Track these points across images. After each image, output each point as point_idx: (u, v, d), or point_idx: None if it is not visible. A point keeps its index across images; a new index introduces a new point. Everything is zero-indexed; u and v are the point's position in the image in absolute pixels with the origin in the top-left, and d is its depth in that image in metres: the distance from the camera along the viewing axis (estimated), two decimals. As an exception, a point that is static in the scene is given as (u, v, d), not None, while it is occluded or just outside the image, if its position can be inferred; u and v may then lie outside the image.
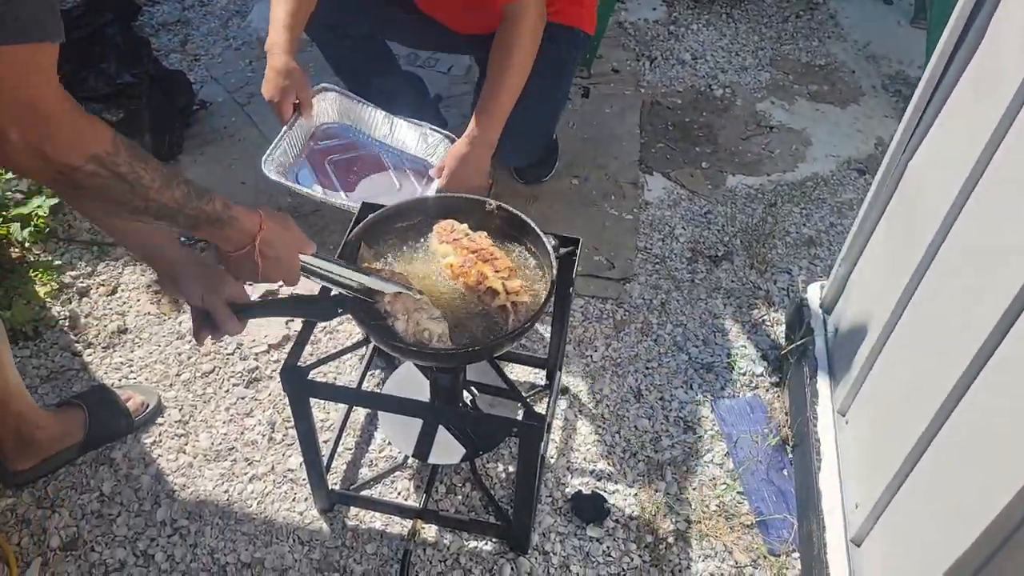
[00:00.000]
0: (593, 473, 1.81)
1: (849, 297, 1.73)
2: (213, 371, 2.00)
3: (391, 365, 1.92)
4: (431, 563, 1.65)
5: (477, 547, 1.67)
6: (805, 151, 2.73)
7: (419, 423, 1.70)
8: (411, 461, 1.79)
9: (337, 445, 1.79)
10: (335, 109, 2.17)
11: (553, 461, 1.82)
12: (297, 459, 1.79)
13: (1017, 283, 1.00)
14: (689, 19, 3.31)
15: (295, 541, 1.68)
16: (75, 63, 2.43)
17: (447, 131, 2.13)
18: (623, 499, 1.76)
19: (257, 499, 1.75)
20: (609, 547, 1.68)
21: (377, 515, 1.71)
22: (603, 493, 1.76)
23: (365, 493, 1.75)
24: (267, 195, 2.41)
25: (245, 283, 1.26)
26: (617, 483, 1.79)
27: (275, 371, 1.99)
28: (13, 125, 0.84)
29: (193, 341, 1.71)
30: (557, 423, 1.90)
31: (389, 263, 1.46)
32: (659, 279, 2.25)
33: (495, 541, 1.67)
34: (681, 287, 2.23)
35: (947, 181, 1.29)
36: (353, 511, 1.72)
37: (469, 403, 1.72)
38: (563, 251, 1.54)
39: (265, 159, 1.98)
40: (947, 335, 1.22)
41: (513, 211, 1.50)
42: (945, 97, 1.40)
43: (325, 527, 1.70)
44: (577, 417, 1.92)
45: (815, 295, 1.88)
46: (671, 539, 1.69)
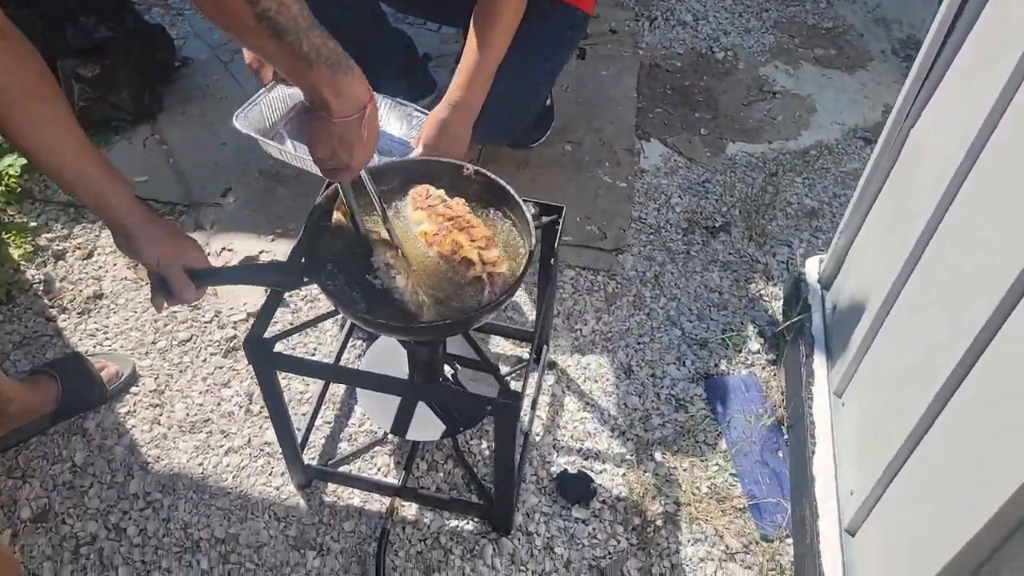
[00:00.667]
0: (580, 452, 1.75)
1: (848, 272, 1.66)
2: (190, 339, 1.93)
3: (372, 336, 1.85)
4: (410, 542, 1.60)
5: (458, 526, 1.62)
6: (809, 118, 2.63)
7: (398, 398, 1.64)
8: (391, 436, 1.74)
9: (314, 420, 1.73)
10: None
11: (539, 439, 1.77)
12: (274, 432, 1.73)
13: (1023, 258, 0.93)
14: (693, -22, 3.18)
15: (271, 517, 1.63)
16: (52, 16, 2.32)
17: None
18: (611, 479, 1.71)
19: (232, 473, 1.70)
20: (595, 529, 1.63)
21: (356, 492, 1.66)
22: (590, 473, 1.71)
23: (343, 469, 1.70)
24: (250, 153, 2.32)
25: (334, 166, 1.07)
26: (605, 463, 1.73)
27: (254, 341, 1.92)
28: None
29: (168, 308, 1.64)
30: (544, 399, 1.84)
31: None
32: (653, 250, 2.18)
33: (477, 521, 1.62)
34: (676, 259, 2.16)
35: (950, 149, 1.21)
36: (331, 487, 1.67)
37: (450, 377, 1.66)
38: (545, 220, 1.46)
39: (238, 114, 1.89)
40: (948, 314, 1.15)
41: (492, 176, 1.42)
42: (949, 61, 1.31)
43: (302, 503, 1.65)
44: (565, 393, 1.86)
45: (813, 269, 1.81)
46: (659, 522, 1.64)
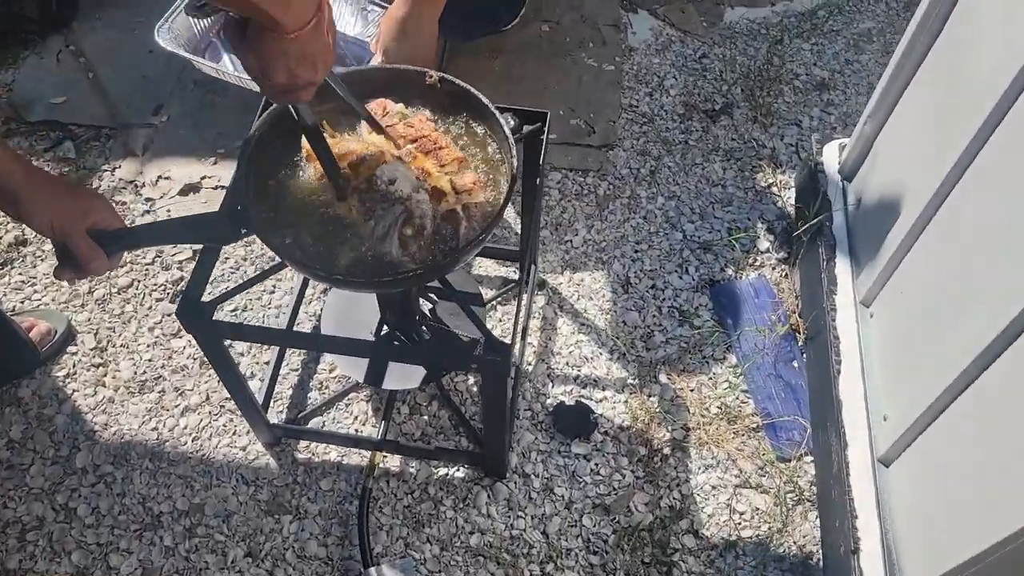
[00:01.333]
0: (577, 380, 1.57)
1: (876, 162, 1.43)
2: (131, 285, 1.71)
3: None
4: (396, 496, 1.44)
5: (448, 474, 1.46)
6: (815, -27, 2.31)
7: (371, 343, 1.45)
8: (366, 381, 1.55)
9: (275, 381, 1.54)
10: None
11: (531, 368, 1.59)
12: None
13: None
14: None
15: (239, 481, 1.47)
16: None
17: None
18: (612, 408, 1.54)
19: (191, 435, 1.52)
20: (597, 464, 1.47)
21: (332, 446, 1.49)
22: (589, 403, 1.54)
23: (315, 422, 1.52)
24: (181, 67, 2.02)
25: (294, 87, 0.86)
26: (605, 390, 1.56)
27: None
28: None
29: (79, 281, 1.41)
30: (534, 323, 1.65)
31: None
32: (648, 143, 1.93)
33: (468, 466, 1.47)
34: (673, 151, 1.91)
35: (1019, 26, 0.96)
36: (304, 442, 1.50)
37: (427, 313, 1.45)
38: (527, 130, 1.22)
39: (159, 27, 1.60)
40: (1011, 220, 0.94)
41: (460, 84, 1.16)
42: None
43: (272, 463, 1.49)
44: (557, 315, 1.66)
45: (832, 157, 1.58)
46: (667, 450, 1.49)
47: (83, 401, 1.56)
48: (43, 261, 1.75)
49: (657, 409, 1.53)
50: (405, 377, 1.43)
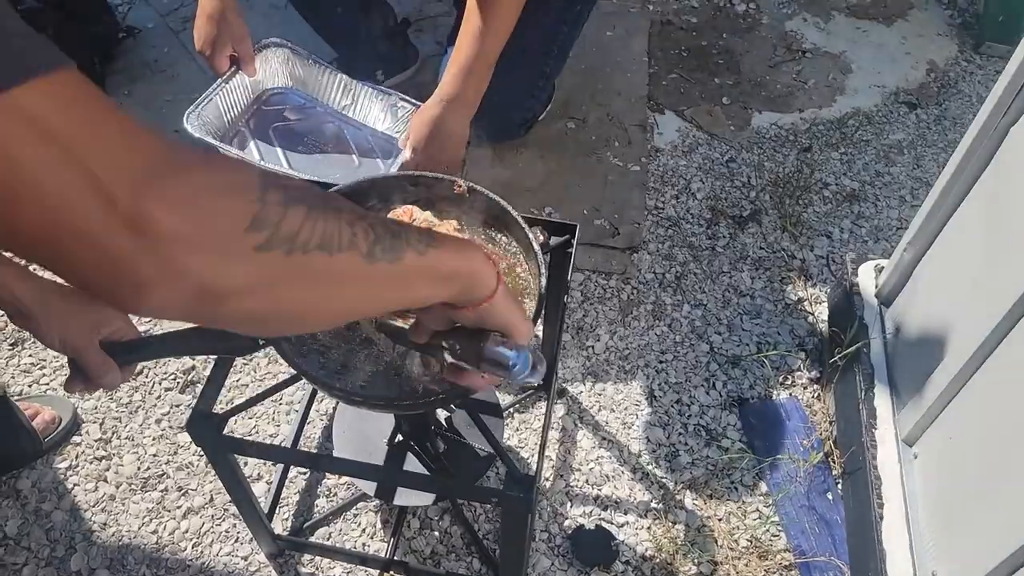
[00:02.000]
0: (597, 501, 1.50)
1: (916, 291, 1.39)
2: (141, 373, 1.66)
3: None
4: (403, 621, 1.36)
5: (458, 598, 1.38)
6: (844, 80, 2.31)
7: (382, 451, 1.38)
8: (377, 490, 1.48)
9: (280, 490, 1.47)
10: (285, 71, 1.74)
11: (549, 485, 1.52)
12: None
13: None
14: (706, -83, 2.81)
15: (238, 595, 1.39)
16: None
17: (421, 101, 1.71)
18: (634, 534, 1.46)
19: (192, 540, 1.45)
20: (618, 596, 1.39)
21: (337, 561, 1.42)
22: (610, 527, 1.46)
23: (322, 531, 1.45)
24: (206, 144, 2.01)
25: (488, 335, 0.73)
26: (627, 513, 1.49)
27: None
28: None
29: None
30: (553, 435, 1.59)
31: None
32: (673, 247, 1.89)
33: (480, 592, 1.39)
34: (700, 257, 1.88)
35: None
36: (308, 555, 1.42)
37: (444, 422, 1.40)
38: (555, 242, 1.18)
39: (188, 114, 1.59)
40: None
41: (489, 195, 1.13)
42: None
43: (274, 576, 1.41)
44: (577, 427, 1.60)
45: (868, 280, 1.54)
46: (692, 584, 1.41)
47: (83, 497, 1.49)
48: (52, 344, 1.70)
49: (683, 538, 1.45)
50: (417, 493, 1.36)
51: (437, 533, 1.46)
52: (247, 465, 1.53)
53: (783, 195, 2.00)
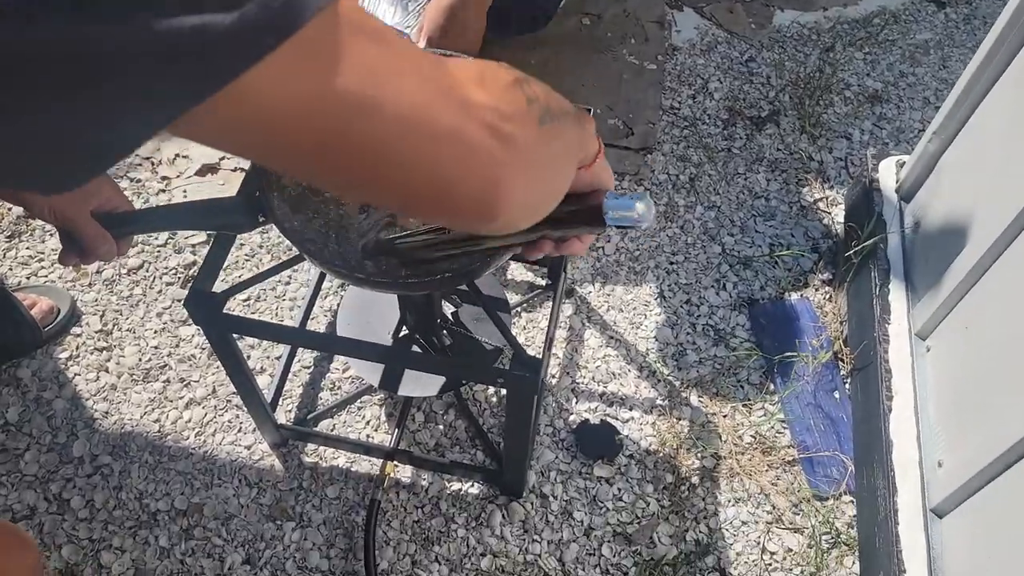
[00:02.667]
0: (603, 397, 1.49)
1: (940, 183, 1.33)
2: (142, 267, 1.64)
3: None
4: (405, 509, 1.36)
5: (461, 489, 1.38)
6: (872, -22, 2.20)
7: (387, 345, 1.36)
8: (381, 384, 1.47)
9: (284, 381, 1.46)
10: None
11: (555, 382, 1.50)
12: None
13: None
14: None
15: (241, 482, 1.39)
16: None
17: None
18: (638, 429, 1.45)
19: (195, 430, 1.45)
20: (621, 489, 1.39)
21: (341, 451, 1.42)
22: (614, 423, 1.45)
23: (325, 424, 1.45)
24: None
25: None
26: (632, 409, 1.47)
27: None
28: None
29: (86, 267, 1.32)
30: (561, 333, 1.56)
31: None
32: (688, 148, 1.83)
33: (483, 482, 1.38)
34: (715, 158, 1.82)
35: None
36: (312, 445, 1.42)
37: (450, 316, 1.37)
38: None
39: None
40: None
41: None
42: None
43: (278, 465, 1.41)
44: (585, 326, 1.58)
45: (889, 175, 1.48)
46: (695, 479, 1.40)
47: (84, 386, 1.48)
48: (52, 236, 1.67)
49: (687, 434, 1.44)
50: (422, 384, 1.35)
51: (441, 426, 1.45)
52: (250, 359, 1.52)
53: (803, 96, 1.92)
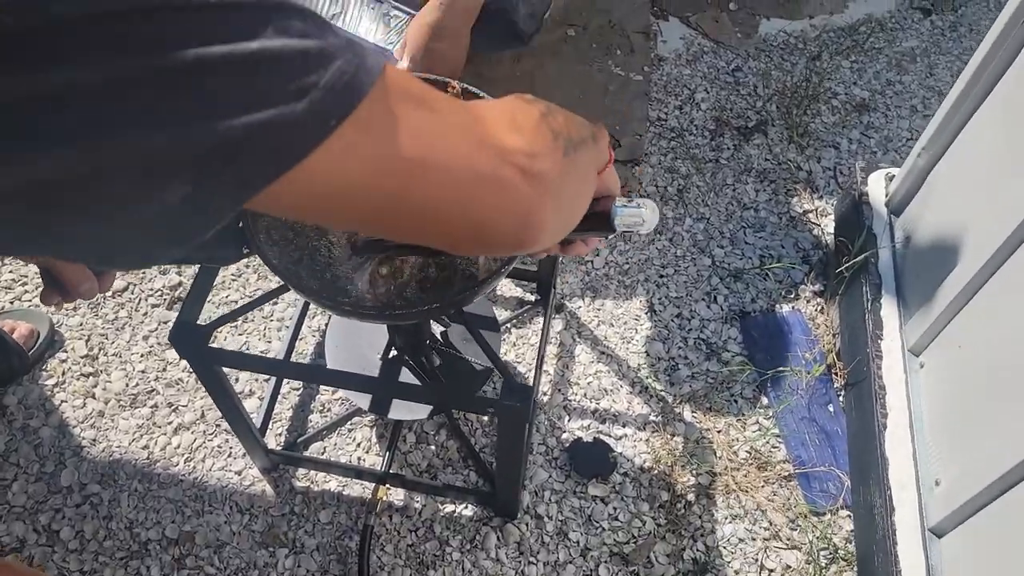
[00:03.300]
0: (595, 414, 1.48)
1: (930, 197, 1.33)
2: (127, 289, 1.62)
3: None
4: (398, 533, 1.35)
5: (455, 511, 1.37)
6: (857, -15, 2.20)
7: (376, 367, 1.35)
8: (372, 405, 1.46)
9: (273, 405, 1.44)
10: None
11: (547, 399, 1.49)
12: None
13: None
14: None
15: (232, 509, 1.37)
16: None
17: (414, 10, 1.61)
18: (632, 447, 1.44)
19: (184, 455, 1.43)
20: (616, 508, 1.38)
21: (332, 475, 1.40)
22: (608, 439, 1.44)
23: (316, 447, 1.43)
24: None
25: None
26: (625, 426, 1.47)
27: (203, 289, 1.61)
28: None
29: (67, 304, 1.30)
30: (551, 350, 1.55)
31: None
32: (676, 159, 1.83)
33: (477, 504, 1.37)
34: (703, 169, 1.81)
35: None
36: (304, 469, 1.41)
37: (439, 337, 1.36)
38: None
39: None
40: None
41: (486, 97, 1.07)
42: None
43: (269, 490, 1.39)
44: (575, 341, 1.57)
45: (878, 188, 1.48)
46: (691, 496, 1.39)
47: (71, 413, 1.46)
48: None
49: (681, 450, 1.44)
50: (412, 407, 1.33)
51: (433, 447, 1.44)
52: (238, 381, 1.50)
53: (790, 105, 1.92)
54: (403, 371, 1.34)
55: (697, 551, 1.35)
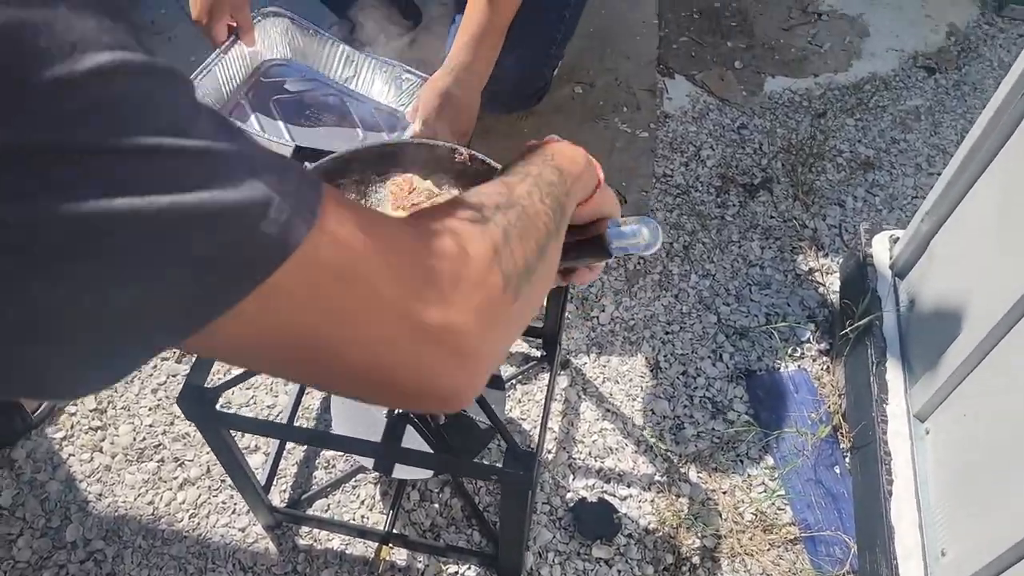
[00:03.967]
0: (600, 473, 1.48)
1: (933, 263, 1.34)
2: (137, 342, 1.63)
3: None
4: (401, 593, 1.35)
5: (458, 572, 1.36)
6: (861, 44, 2.24)
7: (381, 425, 1.35)
8: (376, 463, 1.46)
9: (278, 463, 1.44)
10: (285, 42, 1.69)
11: (551, 457, 1.49)
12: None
13: None
14: None
15: (235, 567, 1.37)
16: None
17: (426, 73, 1.65)
18: (637, 507, 1.44)
19: (189, 511, 1.43)
20: (620, 571, 1.37)
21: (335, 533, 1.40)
22: (612, 500, 1.44)
23: (320, 503, 1.43)
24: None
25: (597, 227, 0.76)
26: (630, 486, 1.46)
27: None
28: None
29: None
30: (556, 407, 1.56)
31: None
32: (681, 216, 1.85)
33: (480, 566, 1.36)
34: (708, 226, 1.83)
35: None
36: (307, 527, 1.41)
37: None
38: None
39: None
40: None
41: (492, 164, 1.09)
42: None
43: (272, 548, 1.39)
44: (580, 398, 1.57)
45: (882, 250, 1.49)
46: (696, 559, 1.38)
47: (78, 467, 1.47)
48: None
49: (687, 511, 1.43)
50: (416, 467, 1.33)
51: (437, 505, 1.43)
52: (243, 437, 1.51)
53: (795, 162, 1.94)
54: (408, 429, 1.35)
55: (702, 616, 1.33)
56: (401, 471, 1.33)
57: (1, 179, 0.29)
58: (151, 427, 1.53)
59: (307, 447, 1.50)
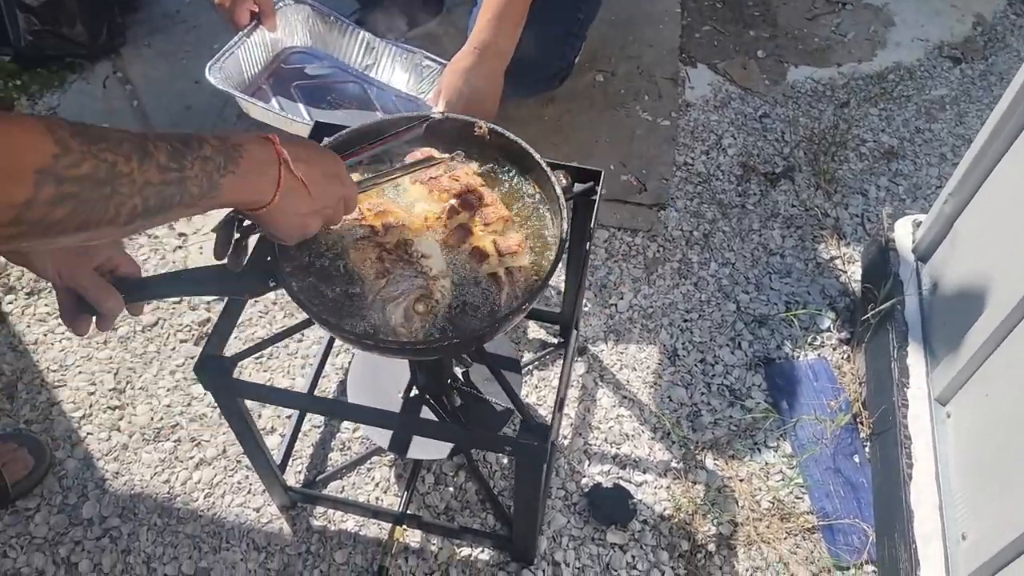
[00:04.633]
0: (616, 459, 1.46)
1: (956, 245, 1.31)
2: (156, 324, 1.65)
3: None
4: (413, 575, 1.34)
5: (471, 555, 1.35)
6: (886, 34, 2.21)
7: (397, 405, 1.35)
8: (391, 445, 1.46)
9: (294, 442, 1.45)
10: (305, 29, 1.70)
11: (567, 443, 1.48)
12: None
13: None
14: None
15: (249, 546, 1.37)
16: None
17: (445, 59, 1.65)
18: (652, 494, 1.42)
19: (204, 491, 1.44)
20: (635, 556, 1.35)
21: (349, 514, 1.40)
22: (628, 486, 1.42)
23: (335, 484, 1.43)
24: (224, 102, 1.98)
25: (305, 227, 0.88)
26: (645, 472, 1.45)
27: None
28: None
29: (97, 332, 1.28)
30: (573, 393, 1.54)
31: None
32: (702, 204, 1.83)
33: (493, 548, 1.36)
34: (729, 214, 1.81)
35: None
36: (321, 508, 1.41)
37: (461, 376, 1.36)
38: (579, 188, 1.13)
39: (211, 66, 1.56)
40: None
41: (511, 137, 1.09)
42: None
43: (286, 528, 1.39)
44: (597, 385, 1.56)
45: (905, 235, 1.46)
46: (712, 546, 1.36)
47: (96, 446, 1.48)
48: (69, 294, 1.69)
49: (702, 498, 1.41)
50: (432, 447, 1.33)
51: (452, 489, 1.43)
52: (260, 418, 1.52)
53: (818, 151, 1.92)
54: (424, 411, 1.34)
55: (718, 603, 1.31)
56: (416, 451, 1.33)
57: None
58: (168, 407, 1.54)
59: (323, 429, 1.50)
